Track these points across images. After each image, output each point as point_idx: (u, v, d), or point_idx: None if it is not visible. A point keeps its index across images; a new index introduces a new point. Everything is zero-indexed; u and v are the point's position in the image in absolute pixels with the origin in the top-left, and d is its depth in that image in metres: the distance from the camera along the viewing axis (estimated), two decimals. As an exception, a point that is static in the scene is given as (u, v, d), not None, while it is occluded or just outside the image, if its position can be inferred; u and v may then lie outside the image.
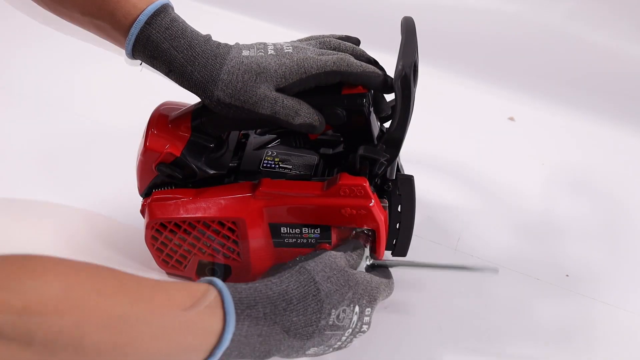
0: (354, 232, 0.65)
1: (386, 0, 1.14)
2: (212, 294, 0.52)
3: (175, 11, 0.63)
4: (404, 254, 0.72)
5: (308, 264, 0.58)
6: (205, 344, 0.50)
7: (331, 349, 0.60)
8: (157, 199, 0.67)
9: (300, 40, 0.66)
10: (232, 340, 0.51)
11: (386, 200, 0.67)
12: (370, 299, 0.60)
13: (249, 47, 0.62)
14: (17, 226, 0.82)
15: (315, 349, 0.58)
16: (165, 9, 0.60)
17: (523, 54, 1.09)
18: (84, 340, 0.43)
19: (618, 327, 0.72)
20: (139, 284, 0.49)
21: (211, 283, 0.53)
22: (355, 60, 0.62)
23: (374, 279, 0.61)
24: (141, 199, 0.71)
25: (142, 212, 0.69)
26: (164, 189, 0.68)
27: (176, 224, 0.66)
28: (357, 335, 0.61)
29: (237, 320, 0.52)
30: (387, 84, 0.62)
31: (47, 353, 0.42)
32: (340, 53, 0.62)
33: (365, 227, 0.65)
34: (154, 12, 0.59)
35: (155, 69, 0.62)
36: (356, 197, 0.63)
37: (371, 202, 0.63)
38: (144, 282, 0.49)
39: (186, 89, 0.62)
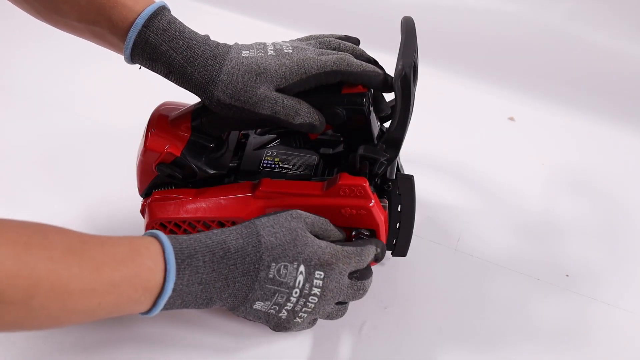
0: (354, 232, 0.65)
1: (386, 0, 1.14)
2: (155, 246, 0.54)
3: (175, 11, 0.63)
4: (404, 254, 0.72)
5: (259, 219, 0.60)
6: (149, 295, 0.54)
7: (284, 311, 0.61)
8: (157, 199, 0.67)
9: (300, 40, 0.66)
10: (174, 290, 0.54)
11: (386, 200, 0.67)
12: (320, 262, 0.59)
13: (248, 47, 0.62)
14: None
15: (262, 303, 0.59)
16: (162, 11, 0.60)
17: (523, 54, 1.09)
18: (33, 301, 0.46)
19: (618, 327, 0.72)
20: (86, 244, 0.51)
21: (154, 236, 0.56)
22: (355, 60, 0.62)
23: (330, 246, 0.60)
24: (141, 199, 0.71)
25: (142, 212, 0.69)
26: (164, 189, 0.68)
27: (176, 224, 0.66)
28: (310, 300, 0.61)
29: (178, 270, 0.54)
30: (387, 83, 0.62)
31: None
32: (340, 53, 0.62)
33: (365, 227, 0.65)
34: (151, 15, 0.59)
35: (155, 71, 0.62)
36: (356, 197, 0.63)
37: (371, 202, 0.63)
38: (90, 241, 0.52)
39: (186, 89, 0.62)
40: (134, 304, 0.53)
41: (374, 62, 0.64)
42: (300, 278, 0.59)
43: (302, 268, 0.59)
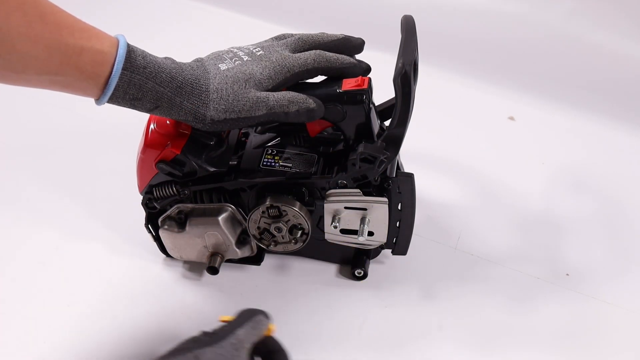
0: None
1: (386, 0, 1.14)
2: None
3: (175, 11, 0.63)
4: (404, 253, 0.72)
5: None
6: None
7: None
8: None
9: (259, 43, 0.66)
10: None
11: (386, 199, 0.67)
12: None
13: (220, 58, 0.63)
14: (17, 224, 0.82)
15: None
16: (131, 48, 0.57)
17: (523, 53, 1.09)
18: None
19: (618, 326, 0.72)
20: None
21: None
22: (331, 54, 0.64)
23: None
24: (141, 197, 0.71)
25: None
26: (164, 187, 0.68)
27: None
28: None
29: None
30: (366, 69, 0.65)
31: None
32: (316, 51, 0.64)
33: None
34: (126, 56, 0.56)
35: (136, 109, 0.59)
36: None
37: None
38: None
39: (175, 119, 0.61)
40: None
41: (344, 39, 0.66)
42: None
43: None
